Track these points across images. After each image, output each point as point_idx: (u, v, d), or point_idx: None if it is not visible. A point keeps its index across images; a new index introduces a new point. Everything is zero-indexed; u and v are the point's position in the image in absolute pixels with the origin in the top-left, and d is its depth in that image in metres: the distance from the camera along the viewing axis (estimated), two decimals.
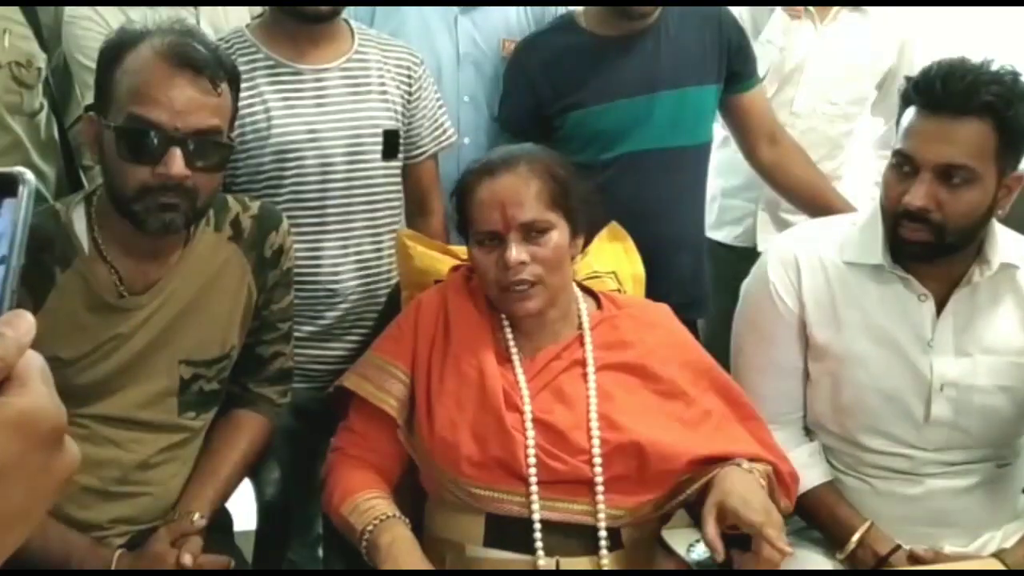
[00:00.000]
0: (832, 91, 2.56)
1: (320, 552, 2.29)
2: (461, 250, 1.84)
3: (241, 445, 1.76)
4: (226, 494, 1.74)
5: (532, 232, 1.59)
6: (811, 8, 2.53)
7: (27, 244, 0.54)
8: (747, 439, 1.64)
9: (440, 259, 1.87)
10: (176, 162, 1.48)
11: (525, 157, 1.64)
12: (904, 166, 1.66)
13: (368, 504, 1.59)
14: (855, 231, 1.79)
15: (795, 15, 2.53)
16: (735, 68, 2.26)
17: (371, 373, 1.68)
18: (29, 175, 0.55)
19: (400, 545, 1.52)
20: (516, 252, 1.57)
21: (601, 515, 1.56)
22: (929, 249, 1.67)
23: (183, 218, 1.55)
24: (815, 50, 2.53)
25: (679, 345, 1.72)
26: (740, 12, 2.42)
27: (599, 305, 1.73)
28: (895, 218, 1.68)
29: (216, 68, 1.52)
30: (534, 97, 2.17)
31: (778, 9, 2.51)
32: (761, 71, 2.40)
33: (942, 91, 1.60)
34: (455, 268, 1.80)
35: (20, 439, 0.50)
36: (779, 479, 1.63)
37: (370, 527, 1.55)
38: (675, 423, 1.62)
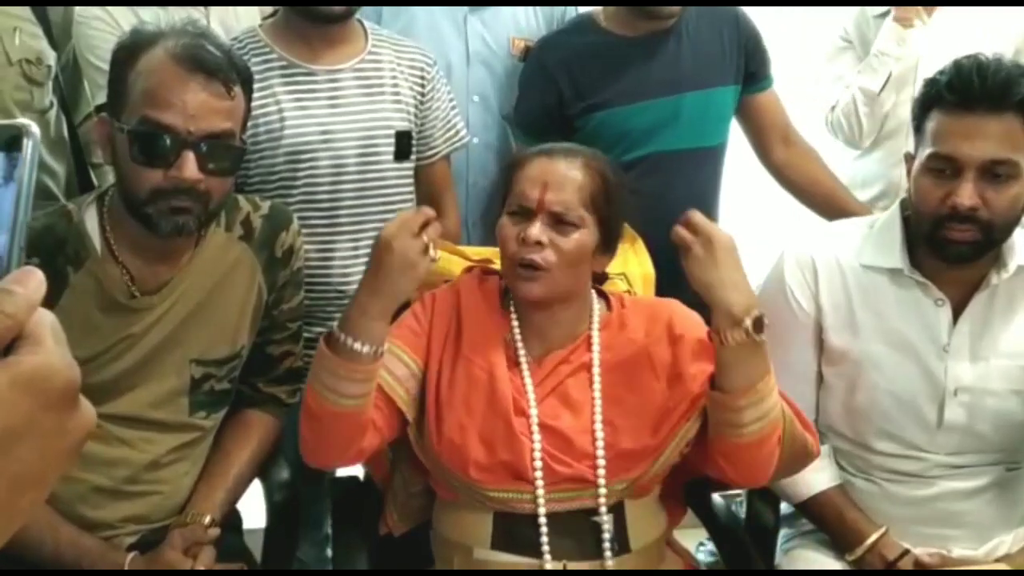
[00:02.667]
0: None
1: (329, 551, 2.29)
2: (472, 251, 1.84)
3: (251, 445, 1.77)
4: (236, 495, 1.75)
5: (559, 222, 1.58)
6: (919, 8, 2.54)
7: (40, 245, 0.53)
8: None
9: (451, 260, 1.85)
10: (189, 166, 1.48)
11: (586, 154, 1.64)
12: (942, 169, 1.64)
13: None
14: (873, 234, 1.78)
15: (907, 24, 2.53)
16: (752, 68, 2.25)
17: (386, 360, 1.63)
18: (33, 127, 0.53)
19: None
20: (537, 230, 1.57)
21: (602, 498, 1.56)
22: (977, 248, 1.66)
23: (195, 221, 1.55)
24: (928, 46, 2.52)
25: (687, 330, 1.65)
26: (846, 23, 2.43)
27: (609, 306, 1.73)
28: (937, 221, 1.65)
29: (229, 71, 1.52)
30: (555, 96, 2.16)
31: (889, 19, 2.53)
32: (878, 84, 2.43)
33: (980, 88, 1.59)
34: (468, 269, 1.79)
35: (32, 398, 0.49)
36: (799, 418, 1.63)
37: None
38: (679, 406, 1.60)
